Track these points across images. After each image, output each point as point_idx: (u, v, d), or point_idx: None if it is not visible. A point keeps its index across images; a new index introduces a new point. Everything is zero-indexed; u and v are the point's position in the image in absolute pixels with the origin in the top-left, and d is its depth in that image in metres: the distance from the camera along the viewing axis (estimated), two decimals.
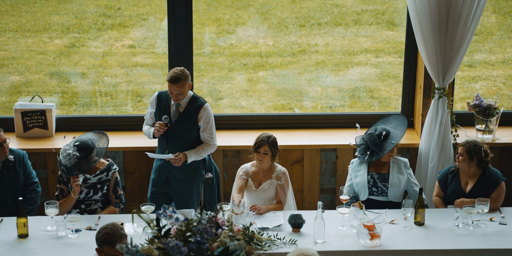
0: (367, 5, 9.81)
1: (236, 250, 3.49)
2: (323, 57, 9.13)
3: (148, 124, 6.13)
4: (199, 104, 5.98)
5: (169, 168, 6.04)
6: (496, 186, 5.80)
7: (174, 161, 5.89)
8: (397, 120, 6.28)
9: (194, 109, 5.97)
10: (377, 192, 5.98)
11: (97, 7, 9.66)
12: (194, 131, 6.01)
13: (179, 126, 5.95)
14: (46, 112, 6.78)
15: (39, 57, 8.98)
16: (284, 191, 5.97)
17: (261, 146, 5.91)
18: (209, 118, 6.00)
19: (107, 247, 4.46)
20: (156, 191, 6.15)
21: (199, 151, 6.00)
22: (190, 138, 6.01)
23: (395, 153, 6.07)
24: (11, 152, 6.00)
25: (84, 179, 5.89)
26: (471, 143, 5.84)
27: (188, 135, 6.00)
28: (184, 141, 5.99)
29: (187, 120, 5.96)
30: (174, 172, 6.05)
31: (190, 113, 5.97)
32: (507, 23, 9.54)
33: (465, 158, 5.82)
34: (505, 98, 8.69)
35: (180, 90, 5.82)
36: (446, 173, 6.01)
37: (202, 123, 5.98)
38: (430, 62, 6.40)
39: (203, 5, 9.71)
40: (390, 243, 5.32)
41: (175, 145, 5.97)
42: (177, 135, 5.96)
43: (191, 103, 5.98)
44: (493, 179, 5.83)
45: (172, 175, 6.06)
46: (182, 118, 5.96)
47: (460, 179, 5.92)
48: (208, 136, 6.04)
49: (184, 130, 5.97)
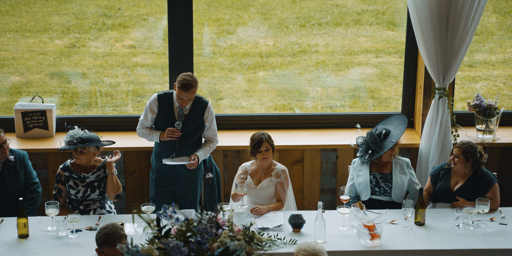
0: (367, 5, 9.82)
1: (236, 250, 3.49)
2: (323, 57, 9.13)
3: (146, 126, 6.04)
4: (203, 104, 5.99)
5: (176, 167, 6.04)
6: (489, 187, 5.81)
7: (191, 165, 5.91)
8: (398, 120, 6.29)
9: (199, 110, 5.97)
10: (380, 192, 5.98)
11: (98, 7, 9.66)
12: (201, 131, 6.03)
13: (187, 128, 5.95)
14: (47, 112, 6.78)
15: (40, 57, 8.98)
16: (284, 188, 5.98)
17: (261, 143, 5.90)
18: (213, 116, 6.04)
19: (107, 247, 4.46)
20: (160, 190, 6.15)
21: (207, 150, 6.04)
22: (196, 138, 6.04)
23: (396, 153, 6.07)
24: (11, 152, 6.00)
25: (82, 178, 5.89)
26: (467, 145, 5.84)
27: (195, 136, 6.02)
28: (191, 142, 6.01)
29: (194, 122, 5.96)
30: (181, 171, 6.06)
31: (196, 114, 5.96)
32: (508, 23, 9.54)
33: (461, 159, 5.83)
34: (506, 98, 8.69)
35: (191, 96, 5.79)
36: (439, 170, 6.03)
37: (208, 122, 6.00)
38: (431, 62, 6.40)
39: (204, 5, 9.72)
40: (390, 243, 5.32)
41: (183, 147, 5.98)
42: (185, 137, 5.96)
43: (195, 104, 5.97)
44: (485, 180, 5.83)
45: (179, 174, 6.07)
46: (189, 120, 5.95)
47: (451, 177, 5.93)
48: (212, 134, 6.08)
49: (192, 132, 5.97)
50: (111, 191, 5.85)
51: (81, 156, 5.85)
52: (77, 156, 5.86)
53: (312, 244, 4.08)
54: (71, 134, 5.90)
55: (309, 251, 4.03)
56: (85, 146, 5.81)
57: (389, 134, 6.07)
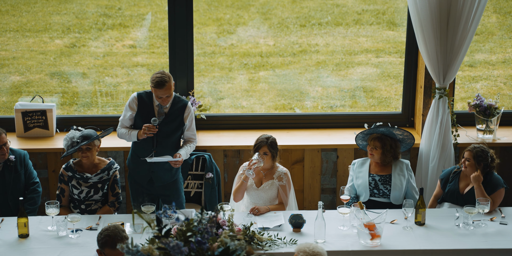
0: (367, 5, 9.81)
1: (236, 250, 3.49)
2: (323, 57, 9.13)
3: (125, 126, 5.97)
4: (183, 103, 5.94)
5: (154, 169, 5.96)
6: (494, 189, 5.78)
7: (176, 163, 5.84)
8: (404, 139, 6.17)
9: (179, 109, 5.92)
10: (378, 194, 5.97)
11: (98, 7, 9.66)
12: (180, 131, 5.97)
13: (166, 127, 5.88)
14: (47, 112, 6.78)
15: (40, 57, 8.98)
16: (286, 192, 5.97)
17: (260, 147, 5.91)
18: (193, 116, 5.99)
19: (108, 249, 4.44)
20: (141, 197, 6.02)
21: (188, 150, 5.96)
22: (175, 138, 5.96)
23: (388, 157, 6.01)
24: (12, 152, 6.01)
25: (85, 178, 5.89)
26: (478, 149, 5.80)
27: (174, 135, 5.95)
28: (170, 141, 5.93)
29: (174, 120, 5.91)
30: (159, 173, 5.98)
31: (176, 113, 5.91)
32: (508, 23, 9.54)
33: (472, 163, 5.80)
34: (506, 98, 8.69)
35: (168, 92, 5.74)
36: (449, 173, 6.00)
37: (188, 122, 5.96)
38: (431, 62, 6.40)
39: (204, 5, 9.72)
40: (390, 243, 5.32)
41: (162, 146, 5.92)
42: (163, 136, 5.90)
43: (175, 103, 5.91)
44: (493, 184, 5.81)
45: (157, 176, 5.99)
46: (169, 118, 5.92)
47: (460, 180, 5.91)
48: (192, 134, 6.01)
49: (171, 130, 5.91)
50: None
51: (88, 153, 5.84)
52: (84, 155, 5.84)
53: (313, 245, 4.06)
54: (70, 136, 5.88)
55: (308, 252, 4.02)
56: (90, 141, 5.80)
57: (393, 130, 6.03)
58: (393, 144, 6.00)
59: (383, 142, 5.96)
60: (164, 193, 6.04)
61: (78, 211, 5.91)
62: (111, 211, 5.93)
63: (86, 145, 5.82)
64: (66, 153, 5.85)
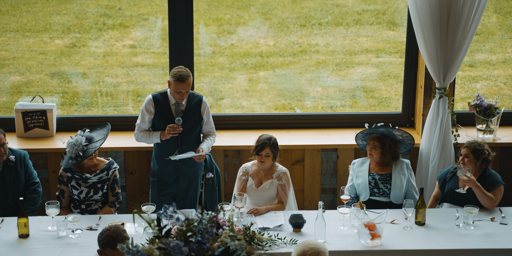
0: (367, 5, 9.81)
1: (236, 250, 3.49)
2: (323, 57, 9.13)
3: (144, 129, 6.02)
4: (199, 98, 6.03)
5: (179, 166, 6.04)
6: (493, 187, 5.78)
7: (200, 158, 5.91)
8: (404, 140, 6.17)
9: (195, 104, 6.01)
10: (379, 193, 5.97)
11: (98, 7, 9.66)
12: (199, 126, 6.05)
13: (186, 124, 5.97)
14: (47, 112, 6.78)
15: (40, 57, 8.98)
16: (285, 191, 5.97)
17: (263, 148, 5.90)
18: (209, 110, 6.10)
19: (109, 249, 4.44)
20: (162, 193, 6.14)
21: (210, 143, 6.09)
22: (196, 133, 6.07)
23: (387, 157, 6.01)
24: (12, 152, 6.01)
25: (85, 178, 5.89)
26: (475, 143, 5.83)
27: (195, 131, 6.04)
28: (192, 137, 6.03)
29: (193, 116, 5.99)
30: (184, 170, 6.07)
31: (194, 109, 6.00)
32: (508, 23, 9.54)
33: (471, 158, 5.81)
34: (506, 98, 8.69)
35: (188, 88, 5.84)
36: (446, 173, 6.01)
37: (205, 116, 6.03)
38: (431, 62, 6.40)
39: (204, 5, 9.71)
40: (391, 243, 5.32)
41: (185, 143, 5.99)
42: (185, 133, 5.98)
43: (190, 99, 6.01)
44: (491, 180, 5.81)
45: (183, 173, 6.08)
46: (187, 115, 5.97)
47: (459, 178, 5.91)
48: (210, 127, 6.13)
49: (191, 127, 6.00)
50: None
51: (93, 157, 5.89)
52: (90, 159, 5.86)
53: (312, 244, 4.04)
54: (73, 143, 5.83)
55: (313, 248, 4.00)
56: (96, 150, 5.83)
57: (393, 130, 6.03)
58: (393, 144, 6.00)
59: (382, 142, 5.96)
60: (184, 191, 6.15)
61: (78, 211, 5.91)
62: (112, 211, 5.94)
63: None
64: (77, 161, 5.82)
